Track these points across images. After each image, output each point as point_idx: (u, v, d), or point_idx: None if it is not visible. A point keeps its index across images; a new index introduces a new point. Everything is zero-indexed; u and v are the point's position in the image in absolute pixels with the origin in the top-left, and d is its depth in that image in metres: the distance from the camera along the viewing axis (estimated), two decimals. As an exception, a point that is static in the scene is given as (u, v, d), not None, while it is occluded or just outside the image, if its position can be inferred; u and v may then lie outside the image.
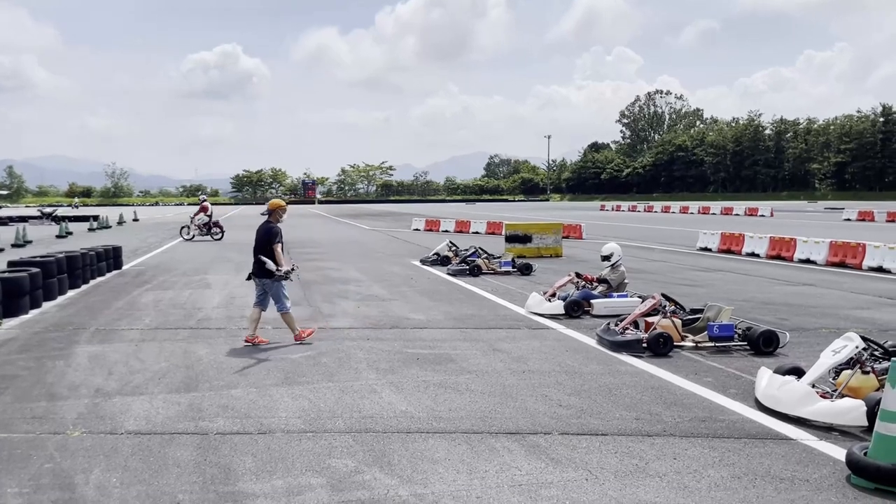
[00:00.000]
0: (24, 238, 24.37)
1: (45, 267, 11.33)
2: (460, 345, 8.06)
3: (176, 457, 4.63)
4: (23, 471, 4.39)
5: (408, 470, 4.41)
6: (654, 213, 55.47)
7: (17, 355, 7.61)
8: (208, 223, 26.52)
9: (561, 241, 19.38)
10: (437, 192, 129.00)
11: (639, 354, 7.40)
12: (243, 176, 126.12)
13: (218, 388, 6.27)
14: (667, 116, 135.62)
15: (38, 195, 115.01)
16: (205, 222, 26.47)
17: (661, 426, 5.25)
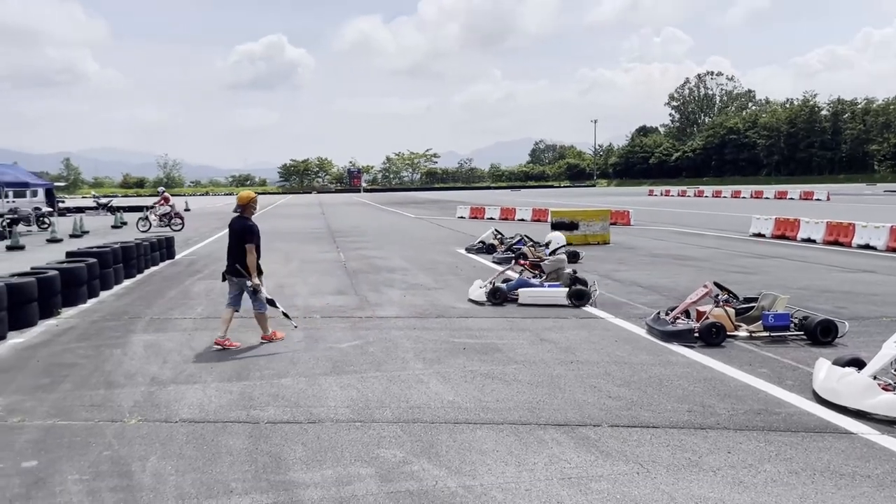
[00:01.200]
0: (81, 228, 25.14)
1: (102, 257, 11.67)
2: (507, 334, 8.02)
3: (228, 445, 4.72)
4: (83, 458, 4.53)
5: (456, 461, 4.41)
6: (704, 198, 54.29)
7: (76, 343, 7.86)
8: (168, 214, 26.99)
9: (609, 228, 19.11)
10: (482, 179, 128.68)
11: (690, 345, 7.26)
12: (290, 165, 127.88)
13: (268, 377, 6.37)
14: (717, 98, 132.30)
15: (94, 186, 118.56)
16: (165, 212, 26.92)
17: (715, 419, 5.14)
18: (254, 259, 7.39)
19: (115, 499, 3.93)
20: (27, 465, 4.43)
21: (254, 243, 7.42)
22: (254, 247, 7.40)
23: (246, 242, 7.40)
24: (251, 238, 7.41)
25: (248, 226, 7.47)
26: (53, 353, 7.44)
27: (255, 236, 7.46)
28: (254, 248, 7.40)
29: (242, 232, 7.45)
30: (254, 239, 7.44)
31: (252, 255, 7.37)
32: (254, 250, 7.39)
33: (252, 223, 7.53)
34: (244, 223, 7.50)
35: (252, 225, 7.50)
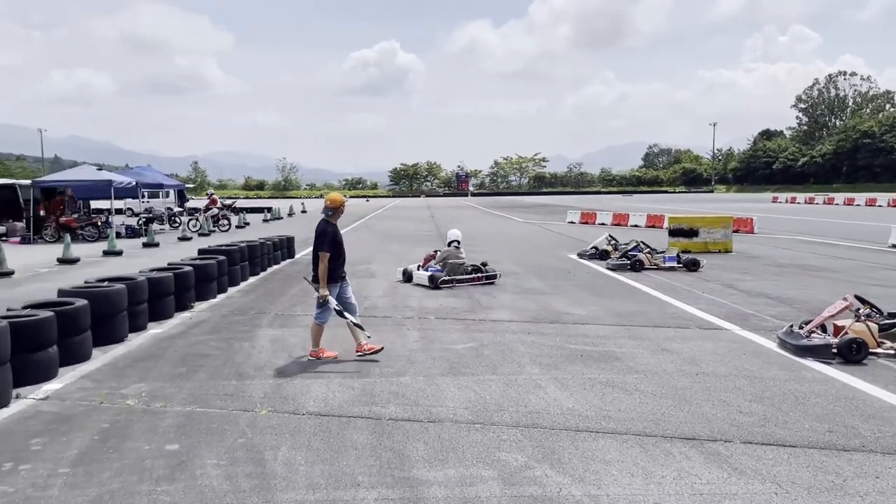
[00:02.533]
0: (208, 228, 26.69)
1: (230, 255, 12.33)
2: (625, 343, 7.80)
3: (353, 439, 4.84)
4: (220, 444, 4.78)
5: (579, 469, 4.32)
6: (835, 206, 50.92)
7: (208, 336, 8.33)
8: (217, 215, 27.68)
9: (731, 236, 18.23)
10: (592, 184, 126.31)
11: (827, 361, 6.79)
12: (400, 169, 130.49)
13: (388, 375, 6.50)
14: (850, 100, 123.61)
15: (218, 188, 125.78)
16: (213, 213, 27.63)
17: (859, 440, 4.77)
18: (324, 268, 6.80)
19: (251, 484, 4.11)
20: (170, 447, 4.72)
21: (327, 250, 6.81)
22: (327, 255, 6.81)
23: (318, 249, 6.90)
24: (322, 243, 6.85)
25: (323, 230, 6.97)
26: (188, 343, 7.91)
27: (327, 243, 6.83)
28: (327, 256, 6.81)
29: (318, 237, 6.98)
30: (325, 245, 6.83)
31: (323, 263, 6.80)
32: (327, 259, 6.80)
33: (330, 228, 6.98)
34: (323, 227, 7.01)
35: (328, 230, 6.94)
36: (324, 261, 6.81)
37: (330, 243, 6.84)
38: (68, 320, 6.79)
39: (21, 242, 22.47)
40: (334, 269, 6.96)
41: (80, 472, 4.31)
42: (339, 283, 7.08)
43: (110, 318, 7.77)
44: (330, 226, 7.02)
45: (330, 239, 6.86)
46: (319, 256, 6.86)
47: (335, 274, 6.99)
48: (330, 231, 6.94)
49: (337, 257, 6.97)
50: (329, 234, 6.89)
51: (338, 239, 7.02)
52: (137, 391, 6.03)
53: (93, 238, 22.82)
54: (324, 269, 6.81)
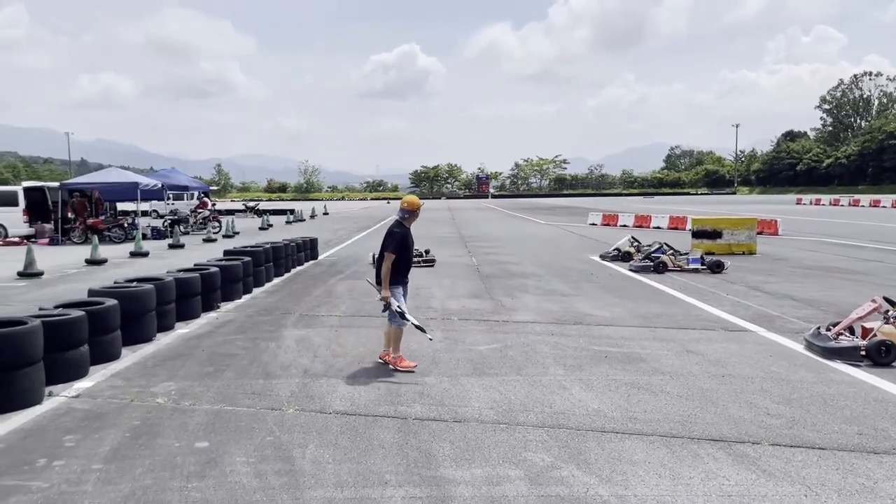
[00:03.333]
0: (232, 230, 26.98)
1: (255, 256, 12.46)
2: (650, 344, 7.77)
3: (380, 438, 4.88)
4: (248, 441, 4.84)
5: (606, 470, 4.32)
6: (860, 208, 50.16)
7: (234, 336, 8.42)
8: (207, 217, 27.73)
9: (755, 238, 18.05)
10: (613, 186, 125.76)
11: (856, 363, 6.71)
12: (421, 171, 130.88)
13: (412, 376, 6.53)
14: (876, 101, 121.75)
15: (241, 190, 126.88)
16: (205, 216, 27.68)
17: (890, 443, 4.72)
18: (387, 268, 6.61)
19: (280, 482, 4.16)
20: (200, 445, 4.79)
21: (392, 251, 6.63)
22: (392, 256, 6.63)
23: (384, 249, 6.72)
24: (388, 244, 6.67)
25: (392, 230, 6.77)
26: (215, 343, 8.01)
27: (394, 244, 6.65)
28: (392, 257, 6.63)
29: (385, 237, 6.79)
30: (391, 246, 6.65)
31: (387, 263, 6.62)
32: (391, 260, 6.63)
33: (400, 230, 6.76)
34: (393, 227, 6.82)
35: (398, 231, 6.73)
36: (387, 261, 6.60)
37: (397, 245, 6.65)
38: (99, 320, 6.91)
39: (49, 244, 22.86)
40: (396, 273, 6.72)
41: (113, 469, 4.39)
42: (398, 287, 6.84)
43: (139, 317, 7.89)
44: (401, 227, 6.78)
45: (398, 240, 6.66)
46: (385, 257, 6.63)
47: (397, 277, 6.77)
48: (399, 233, 6.71)
49: (402, 260, 6.75)
50: (397, 236, 6.68)
51: (406, 242, 6.79)
52: (167, 389, 6.12)
53: (119, 239, 23.16)
54: (386, 270, 6.59)
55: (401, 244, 6.70)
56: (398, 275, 6.79)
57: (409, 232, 6.87)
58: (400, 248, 6.68)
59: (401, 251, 6.69)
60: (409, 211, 6.86)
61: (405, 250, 6.78)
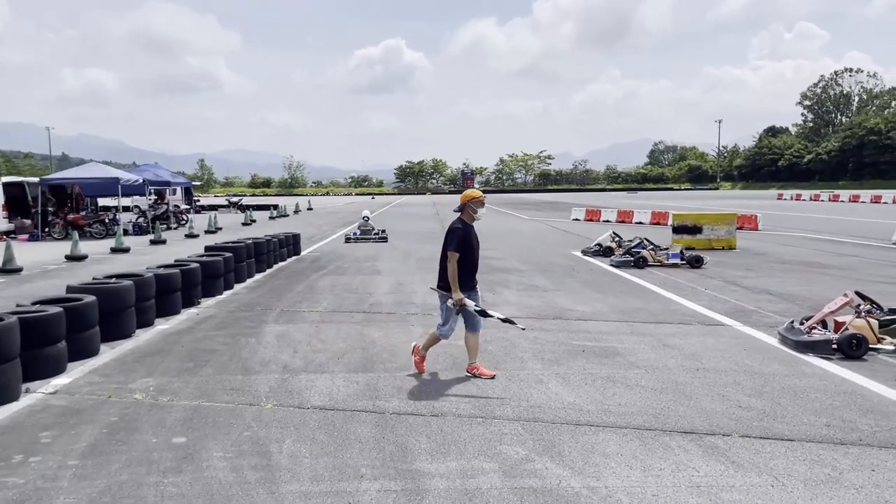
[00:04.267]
0: (215, 225, 26.85)
1: (237, 252, 12.44)
2: (627, 339, 7.86)
3: (357, 433, 4.92)
4: (226, 437, 4.87)
5: (579, 462, 4.39)
6: (840, 203, 50.78)
7: (214, 332, 8.42)
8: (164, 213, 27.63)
9: (735, 233, 18.25)
10: (597, 181, 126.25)
11: (827, 356, 6.84)
12: (406, 167, 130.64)
13: (391, 370, 6.58)
14: (856, 97, 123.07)
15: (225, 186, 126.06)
16: (162, 212, 27.51)
17: (857, 434, 4.83)
18: (453, 268, 6.05)
19: (256, 476, 4.19)
20: (177, 440, 4.81)
21: (454, 250, 6.05)
22: (456, 255, 6.05)
23: (446, 248, 6.17)
24: (449, 242, 6.11)
25: (453, 227, 6.21)
26: (195, 339, 8.01)
27: (456, 241, 6.08)
28: (456, 256, 6.05)
29: (446, 235, 6.22)
30: (453, 244, 6.07)
31: (451, 263, 6.05)
32: (455, 259, 6.05)
33: (462, 226, 6.20)
34: (454, 224, 6.26)
35: (458, 228, 6.17)
36: (451, 261, 6.05)
37: (459, 242, 6.06)
38: (77, 316, 6.89)
39: (29, 239, 22.65)
40: (462, 274, 6.15)
41: (90, 464, 4.40)
42: (468, 292, 6.23)
43: (118, 313, 7.87)
44: (462, 224, 6.23)
45: (459, 237, 6.09)
46: (448, 256, 6.10)
47: (465, 279, 6.19)
48: (461, 229, 6.16)
49: (467, 261, 6.16)
50: (459, 233, 6.11)
51: (469, 239, 6.20)
52: (145, 386, 6.12)
53: (100, 235, 22.99)
54: (452, 270, 6.04)
55: (463, 241, 6.10)
56: (465, 276, 6.20)
57: (471, 229, 6.33)
58: (462, 245, 6.09)
59: (464, 249, 6.11)
60: (461, 205, 6.30)
61: (469, 249, 6.18)
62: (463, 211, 6.32)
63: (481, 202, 6.34)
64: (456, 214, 6.43)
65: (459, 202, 6.37)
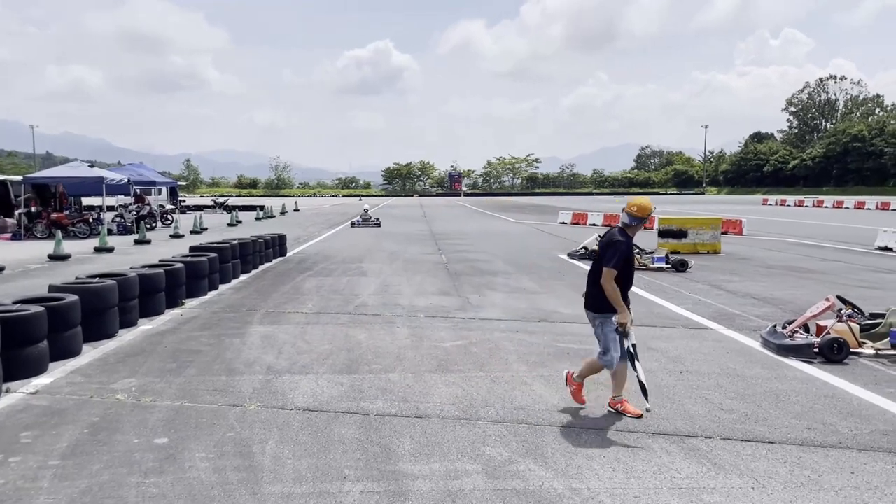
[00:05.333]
0: (200, 225, 26.69)
1: (222, 253, 12.37)
2: (612, 341, 7.89)
3: (341, 434, 4.91)
4: (208, 438, 4.84)
5: (562, 463, 4.41)
6: (824, 209, 51.27)
7: (199, 332, 8.37)
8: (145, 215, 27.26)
9: (720, 237, 18.38)
10: (584, 185, 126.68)
11: (809, 360, 6.90)
12: (394, 168, 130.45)
13: (376, 372, 6.57)
14: (841, 103, 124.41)
15: (211, 186, 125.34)
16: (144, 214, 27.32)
17: (837, 437, 4.88)
18: (611, 288, 5.20)
19: (238, 477, 4.18)
20: (159, 441, 4.78)
21: (613, 266, 5.22)
22: (614, 271, 5.22)
23: (603, 263, 5.31)
24: (609, 258, 5.26)
25: (612, 240, 5.37)
26: (179, 339, 7.96)
27: (616, 257, 5.23)
28: (613, 273, 5.22)
29: (604, 248, 5.44)
30: (613, 260, 5.23)
31: (610, 281, 5.21)
32: (612, 276, 5.21)
33: (623, 240, 5.35)
34: (613, 236, 5.40)
35: (620, 241, 5.32)
36: (609, 279, 5.20)
37: (620, 258, 5.25)
38: (58, 316, 6.83)
39: (12, 239, 22.42)
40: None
41: (70, 465, 4.37)
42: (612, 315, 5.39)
43: (101, 313, 7.80)
44: (625, 237, 5.40)
45: (622, 253, 5.28)
46: (605, 274, 5.24)
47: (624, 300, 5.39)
48: (623, 243, 5.32)
49: (624, 277, 5.34)
50: (622, 247, 5.29)
51: (630, 255, 5.44)
52: (127, 386, 6.08)
53: (84, 235, 22.79)
54: (611, 290, 5.20)
55: (625, 258, 5.34)
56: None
57: (632, 244, 5.58)
58: (623, 261, 5.31)
59: (623, 265, 5.33)
60: (637, 217, 5.38)
61: (628, 265, 5.42)
62: (636, 225, 5.43)
63: (649, 212, 5.44)
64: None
65: (636, 215, 5.37)
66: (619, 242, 5.32)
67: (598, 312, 5.43)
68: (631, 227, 5.44)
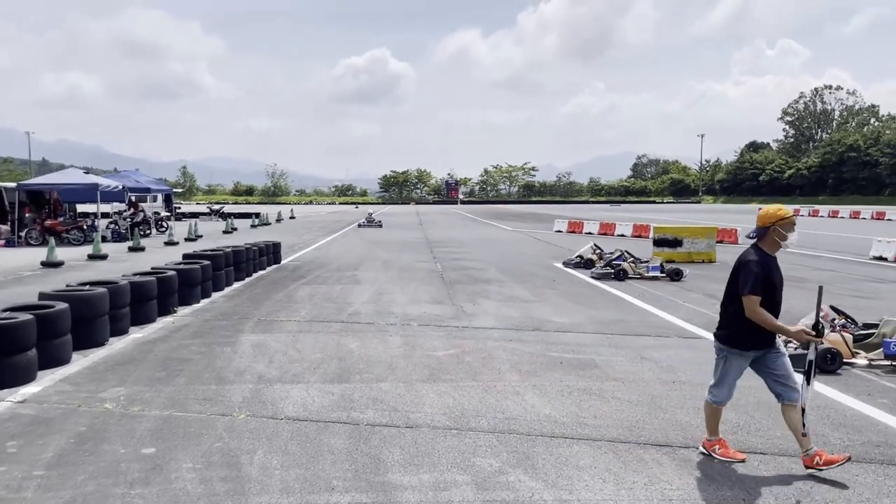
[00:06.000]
0: (195, 233, 26.62)
1: (215, 260, 12.32)
2: (605, 351, 7.87)
3: (330, 444, 4.87)
4: (196, 448, 4.79)
5: (552, 475, 4.37)
6: (819, 218, 51.41)
7: (190, 340, 8.32)
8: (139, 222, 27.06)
9: (715, 246, 18.40)
10: (580, 194, 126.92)
11: (803, 370, 6.86)
12: (390, 176, 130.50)
13: (368, 381, 6.53)
14: (836, 113, 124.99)
15: (207, 193, 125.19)
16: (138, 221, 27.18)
17: (829, 449, 4.83)
18: (763, 317, 4.39)
19: (225, 488, 4.13)
20: (146, 451, 4.73)
21: (752, 292, 4.38)
22: (753, 298, 4.38)
23: (736, 289, 4.51)
24: (744, 281, 4.43)
25: (740, 261, 4.56)
26: (170, 348, 7.90)
27: (751, 280, 4.39)
28: (756, 299, 4.38)
29: (734, 272, 4.59)
30: (749, 283, 4.39)
31: (755, 311, 4.39)
32: (755, 302, 4.38)
33: (756, 258, 4.49)
34: (742, 257, 4.59)
35: (752, 260, 4.47)
36: (752, 309, 4.39)
37: (756, 282, 4.39)
38: (48, 323, 6.77)
39: (5, 245, 22.33)
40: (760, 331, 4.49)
41: (55, 475, 4.31)
42: (764, 349, 4.60)
43: (91, 321, 7.75)
44: (759, 255, 4.52)
45: (756, 276, 4.40)
46: (745, 305, 4.42)
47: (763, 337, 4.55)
48: (756, 262, 4.45)
49: (769, 305, 4.47)
50: (754, 269, 4.42)
51: (771, 278, 4.49)
52: (116, 395, 6.02)
53: (78, 242, 22.71)
54: (763, 318, 4.38)
55: (763, 281, 4.42)
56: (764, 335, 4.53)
57: (773, 261, 4.58)
58: (761, 286, 4.41)
59: (764, 291, 4.43)
60: (760, 228, 4.56)
61: (770, 289, 4.47)
62: (764, 237, 4.57)
63: (791, 223, 4.53)
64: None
65: (757, 224, 4.60)
66: (749, 262, 4.46)
67: (728, 345, 4.63)
68: (762, 240, 4.57)
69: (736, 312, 4.52)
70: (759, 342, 4.55)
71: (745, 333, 4.52)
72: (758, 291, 4.39)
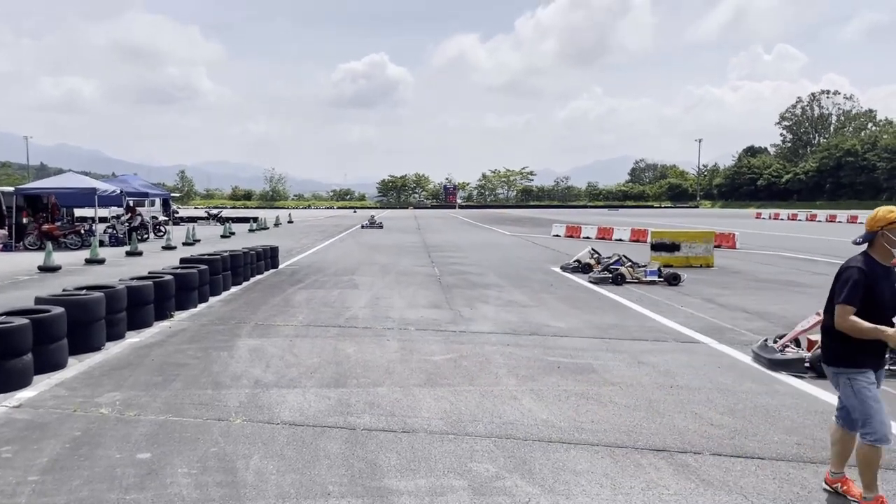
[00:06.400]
0: (193, 237, 26.59)
1: (212, 265, 12.31)
2: (602, 355, 7.85)
3: (326, 449, 4.85)
4: (192, 453, 4.77)
5: (549, 479, 4.35)
6: (817, 223, 51.43)
7: (186, 345, 8.29)
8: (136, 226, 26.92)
9: (712, 251, 18.40)
10: (578, 198, 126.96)
11: (800, 375, 6.88)
12: (388, 181, 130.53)
13: (365, 386, 6.51)
14: (833, 118, 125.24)
15: (206, 198, 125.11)
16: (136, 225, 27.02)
17: (827, 453, 4.81)
18: (861, 328, 3.88)
19: (220, 494, 4.11)
20: (141, 456, 4.71)
21: (849, 302, 3.93)
22: (847, 308, 3.93)
23: (835, 298, 4.08)
24: (841, 290, 3.99)
25: (846, 266, 4.09)
26: (166, 352, 7.88)
27: (850, 289, 3.94)
28: (847, 309, 3.92)
29: (835, 280, 4.15)
30: (847, 294, 3.94)
31: (845, 321, 3.92)
32: (849, 313, 3.92)
33: (862, 266, 4.00)
34: (847, 263, 4.11)
35: (855, 268, 4.01)
36: (843, 318, 3.94)
37: (852, 290, 3.94)
38: (43, 328, 6.75)
39: (3, 250, 22.29)
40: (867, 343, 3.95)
41: (50, 480, 4.29)
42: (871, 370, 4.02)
43: (87, 326, 7.73)
44: (866, 263, 4.03)
45: (853, 282, 3.96)
46: (839, 313, 3.98)
47: (869, 351, 3.99)
48: (860, 270, 3.98)
49: (872, 318, 3.92)
50: (857, 278, 3.96)
51: (878, 289, 3.97)
52: (112, 400, 6.00)
53: (75, 246, 22.68)
54: (852, 328, 3.90)
55: (866, 291, 3.95)
56: (867, 345, 3.97)
57: (885, 272, 4.05)
58: (862, 296, 3.94)
59: (864, 303, 3.95)
60: (868, 232, 4.09)
61: (875, 302, 3.97)
62: (872, 242, 4.09)
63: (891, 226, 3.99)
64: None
65: (865, 228, 4.13)
66: (849, 268, 4.03)
67: (835, 366, 4.11)
68: (871, 246, 4.10)
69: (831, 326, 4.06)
70: (867, 359, 4.00)
71: (862, 348, 3.96)
72: (854, 302, 3.91)
